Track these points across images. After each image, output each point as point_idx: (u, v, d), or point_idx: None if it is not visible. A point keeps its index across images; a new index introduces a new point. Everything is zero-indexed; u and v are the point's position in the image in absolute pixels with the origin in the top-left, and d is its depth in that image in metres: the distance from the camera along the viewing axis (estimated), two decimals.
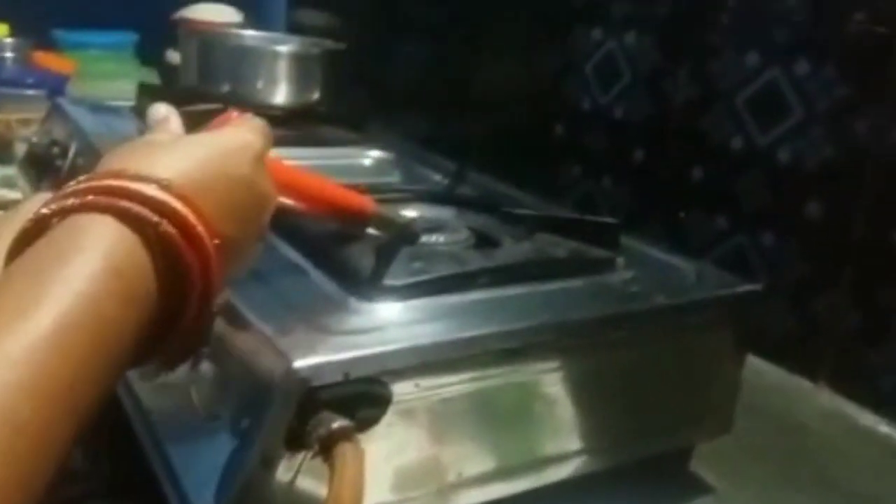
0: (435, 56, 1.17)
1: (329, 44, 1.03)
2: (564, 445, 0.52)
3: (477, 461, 0.49)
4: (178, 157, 0.34)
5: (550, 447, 0.52)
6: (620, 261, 0.59)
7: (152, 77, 1.36)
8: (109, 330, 0.29)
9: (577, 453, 0.53)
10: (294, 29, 1.51)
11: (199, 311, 0.32)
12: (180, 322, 0.32)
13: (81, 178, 0.33)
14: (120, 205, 0.31)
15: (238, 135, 0.39)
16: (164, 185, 0.32)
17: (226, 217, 0.34)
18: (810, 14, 0.71)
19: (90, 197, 0.31)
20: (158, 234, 0.31)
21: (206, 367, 0.47)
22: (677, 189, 0.81)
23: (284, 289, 0.49)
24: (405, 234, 0.56)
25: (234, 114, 0.41)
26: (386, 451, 0.45)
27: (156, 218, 0.31)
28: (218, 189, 0.34)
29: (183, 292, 0.32)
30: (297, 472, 0.42)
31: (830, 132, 0.69)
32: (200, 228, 0.32)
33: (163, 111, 0.41)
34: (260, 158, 0.39)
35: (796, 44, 0.72)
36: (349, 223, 0.55)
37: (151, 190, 0.31)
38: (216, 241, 0.33)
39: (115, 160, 0.34)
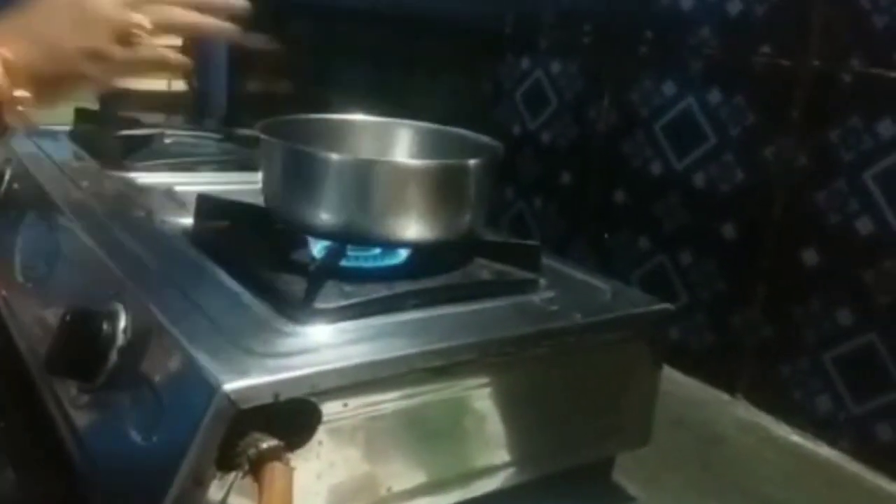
0: (371, 80, 1.19)
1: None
2: (491, 458, 0.55)
3: (407, 476, 0.51)
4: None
5: (478, 460, 0.54)
6: (542, 281, 0.62)
7: (91, 102, 1.35)
8: None
9: (504, 466, 0.55)
10: None
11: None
12: None
13: None
14: None
15: None
16: None
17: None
18: (721, 47, 0.75)
19: None
20: None
21: (140, 390, 0.48)
22: (602, 211, 0.85)
23: (217, 313, 0.51)
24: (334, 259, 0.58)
25: None
26: (317, 469, 0.47)
27: None
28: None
29: None
30: (228, 491, 0.43)
31: (741, 158, 0.74)
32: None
33: None
34: None
35: (709, 74, 0.76)
36: None
37: None
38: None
39: None
